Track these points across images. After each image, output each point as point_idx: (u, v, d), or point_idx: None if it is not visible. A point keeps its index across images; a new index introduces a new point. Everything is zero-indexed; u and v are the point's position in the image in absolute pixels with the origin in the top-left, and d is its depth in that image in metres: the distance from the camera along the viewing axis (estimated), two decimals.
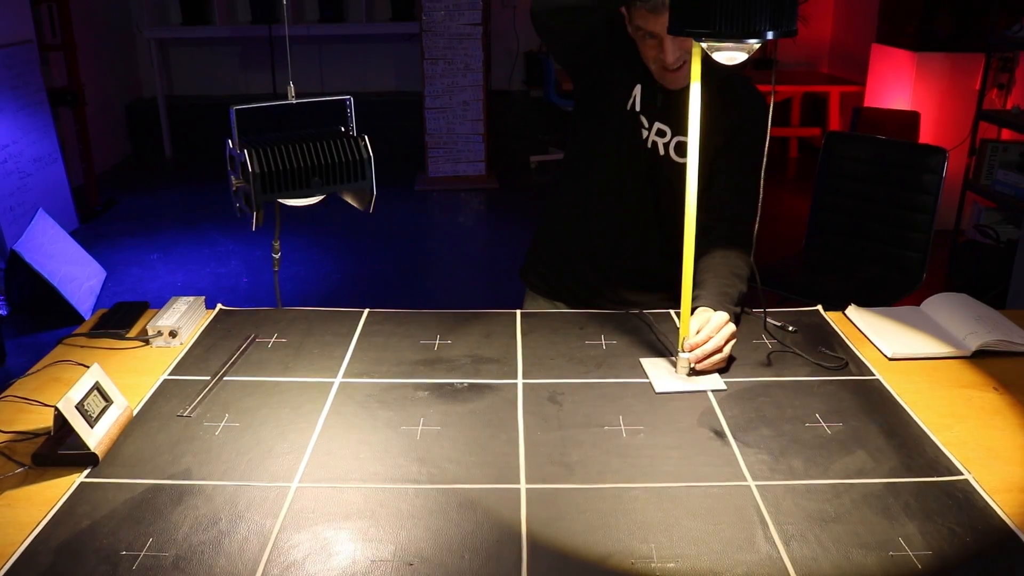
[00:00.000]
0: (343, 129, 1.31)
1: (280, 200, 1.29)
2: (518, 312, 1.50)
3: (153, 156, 6.20)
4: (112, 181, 5.51)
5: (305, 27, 6.14)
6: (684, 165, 1.44)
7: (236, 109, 1.22)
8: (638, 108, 1.47)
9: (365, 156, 1.27)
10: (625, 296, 1.59)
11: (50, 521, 0.94)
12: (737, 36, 1.01)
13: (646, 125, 1.47)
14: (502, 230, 4.80)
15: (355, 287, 3.85)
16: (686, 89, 1.43)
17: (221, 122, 1.21)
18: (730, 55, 1.06)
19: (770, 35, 1.00)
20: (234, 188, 1.25)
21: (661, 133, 1.47)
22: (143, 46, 6.30)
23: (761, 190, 1.30)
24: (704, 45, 1.07)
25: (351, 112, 1.31)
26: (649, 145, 1.48)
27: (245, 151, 1.20)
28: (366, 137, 1.30)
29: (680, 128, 1.45)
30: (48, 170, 4.31)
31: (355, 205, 1.36)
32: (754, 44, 1.03)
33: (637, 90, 1.46)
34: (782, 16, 1.00)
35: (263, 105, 1.27)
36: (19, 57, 4.13)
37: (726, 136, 1.45)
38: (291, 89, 1.31)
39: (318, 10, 6.25)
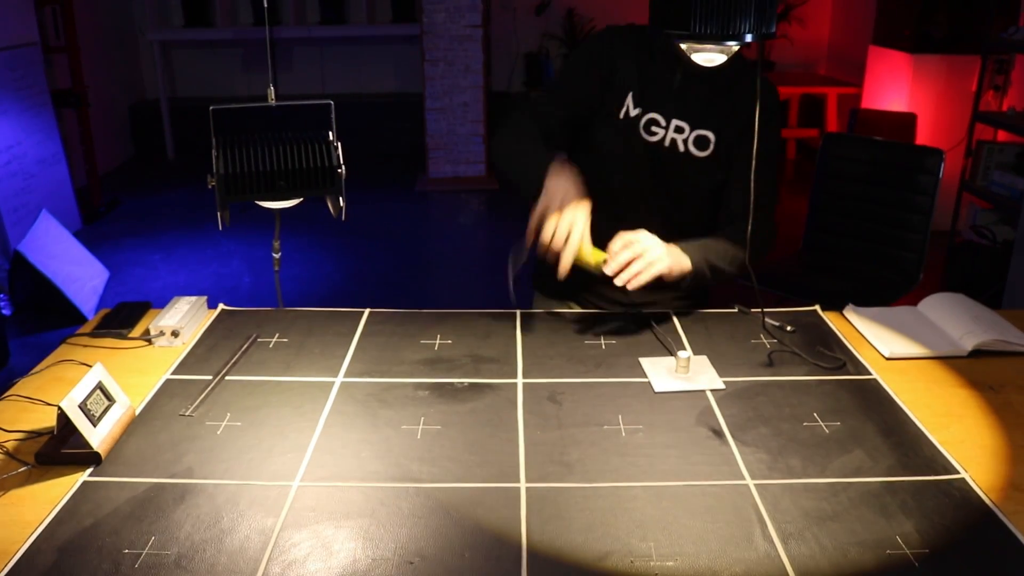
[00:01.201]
0: (330, 134, 1.31)
1: (257, 202, 1.29)
2: (518, 312, 1.50)
3: (156, 157, 6.21)
4: (115, 182, 5.52)
5: (306, 28, 6.15)
6: (703, 159, 1.44)
7: (214, 109, 1.23)
8: (642, 110, 1.45)
9: (334, 163, 1.27)
10: (634, 297, 1.59)
11: (53, 520, 0.95)
12: (716, 38, 1.02)
13: (663, 124, 1.45)
14: (502, 231, 4.81)
15: (356, 287, 3.86)
16: (706, 81, 1.40)
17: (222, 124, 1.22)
18: (708, 56, 1.07)
19: (749, 38, 1.01)
20: (210, 187, 1.25)
21: (680, 130, 1.45)
22: (146, 48, 6.32)
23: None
24: (683, 46, 1.08)
25: (333, 116, 1.31)
26: (667, 144, 1.45)
27: (214, 151, 1.21)
28: (339, 144, 1.30)
29: (700, 121, 1.44)
30: (52, 171, 4.32)
31: (331, 211, 1.36)
32: (733, 46, 1.04)
33: (629, 98, 1.46)
34: (761, 19, 1.00)
35: (240, 106, 1.28)
36: (23, 59, 4.14)
37: (744, 126, 1.43)
38: (271, 92, 1.32)
39: (319, 12, 6.26)
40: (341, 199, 1.31)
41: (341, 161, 1.28)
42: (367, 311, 1.51)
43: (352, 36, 6.33)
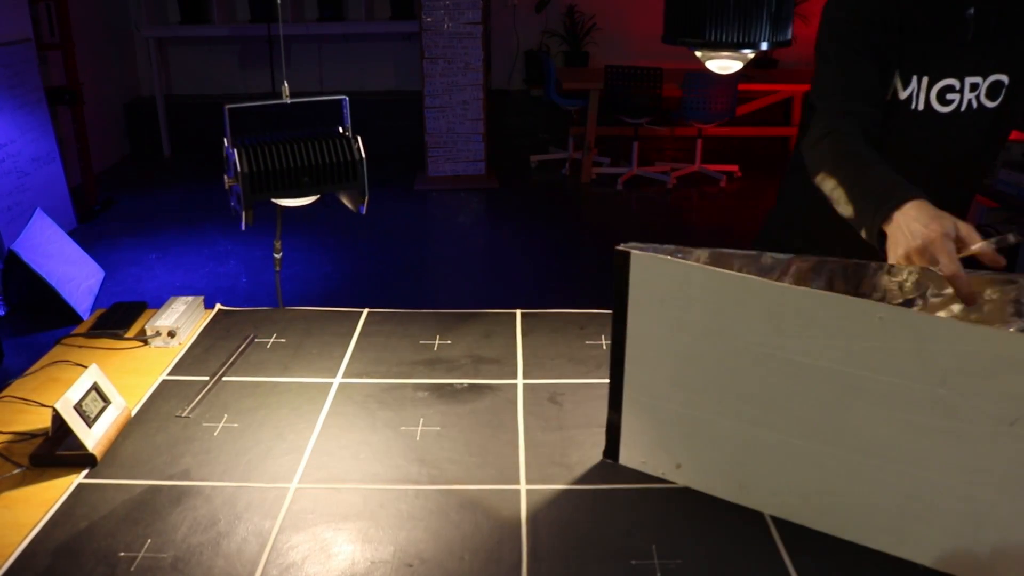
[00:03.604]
0: (341, 129, 1.31)
1: (273, 200, 1.29)
2: (518, 312, 1.49)
3: (151, 155, 6.19)
4: (110, 181, 5.50)
5: (304, 26, 6.13)
6: (993, 111, 1.24)
7: (229, 108, 1.22)
8: (930, 79, 1.23)
9: (356, 157, 1.27)
10: None
11: (48, 522, 0.94)
12: (732, 47, 1.01)
13: (957, 87, 1.23)
14: (502, 230, 4.80)
15: (354, 287, 3.84)
16: (998, 14, 1.19)
17: (220, 121, 1.21)
18: (723, 63, 1.06)
19: (764, 46, 1.00)
20: (227, 187, 1.25)
21: (974, 87, 1.23)
22: (142, 45, 6.30)
23: None
24: (698, 54, 1.07)
25: (347, 112, 1.30)
26: (963, 108, 1.23)
27: (235, 150, 1.20)
28: (359, 138, 1.29)
29: (995, 63, 1.22)
30: (46, 169, 4.30)
31: (348, 206, 1.36)
32: (748, 54, 1.03)
33: (896, 79, 1.24)
34: (777, 26, 1.00)
35: (257, 104, 1.27)
36: (17, 56, 4.12)
37: None
38: (285, 88, 1.31)
39: (317, 9, 6.24)
40: (364, 192, 1.30)
41: (363, 155, 1.27)
42: (366, 311, 1.50)
43: (350, 33, 6.31)
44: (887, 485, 0.86)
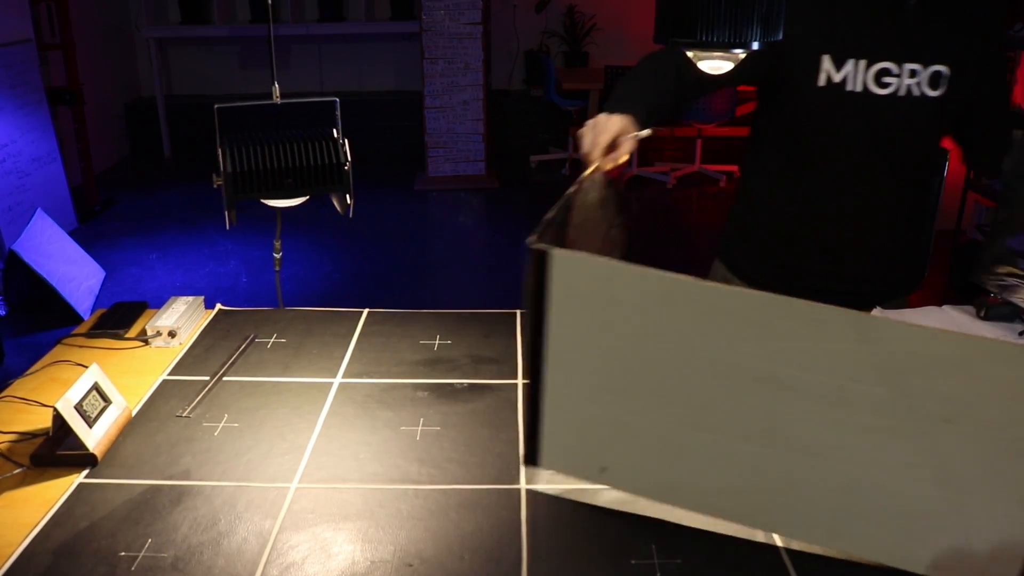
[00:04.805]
0: (334, 131, 1.31)
1: (262, 200, 1.29)
2: (518, 312, 1.49)
3: (152, 156, 6.19)
4: (111, 181, 5.51)
5: (304, 26, 6.13)
6: (936, 100, 1.28)
7: (219, 107, 1.22)
8: (868, 61, 1.26)
9: (342, 160, 1.27)
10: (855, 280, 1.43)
11: (49, 522, 0.94)
12: (723, 46, 1.01)
13: (895, 72, 1.26)
14: (502, 230, 4.80)
15: (354, 287, 3.85)
16: (939, 4, 1.25)
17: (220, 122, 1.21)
18: (715, 64, 1.06)
19: (755, 46, 1.00)
20: (215, 186, 1.25)
21: (913, 73, 1.26)
22: (142, 45, 6.30)
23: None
24: (689, 54, 1.07)
25: (337, 114, 1.30)
26: (902, 93, 1.27)
27: (220, 150, 1.21)
28: (346, 141, 1.29)
29: (936, 54, 1.26)
30: (47, 170, 4.30)
31: (337, 208, 1.36)
32: (740, 54, 1.03)
33: (826, 61, 1.27)
34: (769, 25, 0.99)
35: (246, 104, 1.27)
36: (18, 56, 4.12)
37: (982, 49, 1.28)
38: (275, 89, 1.31)
39: (318, 9, 6.24)
40: (348, 196, 1.30)
41: (348, 158, 1.27)
42: (366, 311, 1.50)
43: (351, 34, 6.31)
44: (822, 482, 0.85)
